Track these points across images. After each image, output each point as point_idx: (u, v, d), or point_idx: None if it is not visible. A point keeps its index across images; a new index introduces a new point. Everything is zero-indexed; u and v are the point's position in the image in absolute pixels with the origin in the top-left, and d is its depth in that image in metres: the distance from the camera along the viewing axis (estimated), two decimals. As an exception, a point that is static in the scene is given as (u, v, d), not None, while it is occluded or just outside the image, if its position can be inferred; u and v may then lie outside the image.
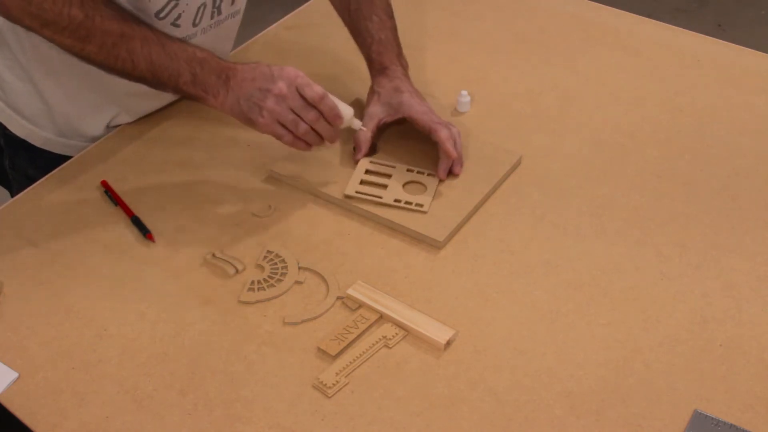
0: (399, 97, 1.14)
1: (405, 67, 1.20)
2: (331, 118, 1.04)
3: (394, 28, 1.21)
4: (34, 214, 1.11)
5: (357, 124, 1.09)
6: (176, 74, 1.03)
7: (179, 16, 1.11)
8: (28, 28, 1.02)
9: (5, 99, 1.21)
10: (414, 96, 1.15)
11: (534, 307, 0.97)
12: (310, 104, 1.02)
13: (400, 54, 1.20)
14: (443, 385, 0.89)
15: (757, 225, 1.07)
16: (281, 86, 1.01)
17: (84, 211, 1.11)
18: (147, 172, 1.17)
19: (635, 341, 0.93)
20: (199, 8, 1.13)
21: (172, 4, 1.09)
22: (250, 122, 1.04)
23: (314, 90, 1.02)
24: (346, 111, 1.06)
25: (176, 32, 1.12)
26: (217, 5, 1.15)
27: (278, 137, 1.04)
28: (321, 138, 1.05)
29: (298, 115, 1.03)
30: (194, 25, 1.14)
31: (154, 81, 1.04)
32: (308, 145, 1.05)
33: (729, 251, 1.03)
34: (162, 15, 1.10)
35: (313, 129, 1.04)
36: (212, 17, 1.16)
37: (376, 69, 1.18)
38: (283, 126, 1.03)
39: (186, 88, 1.04)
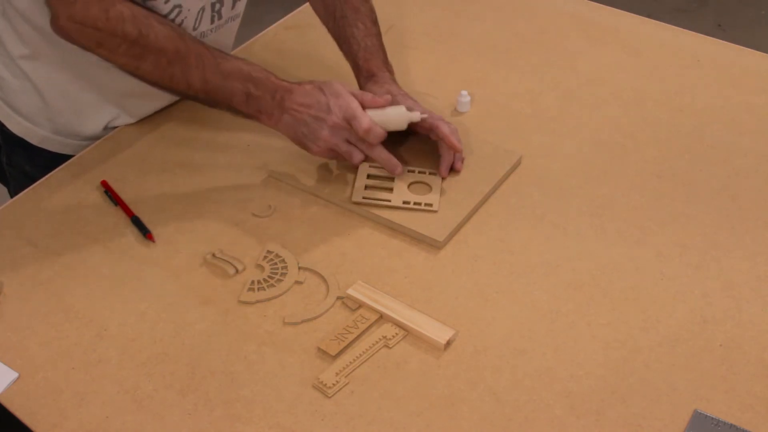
0: (393, 101, 1.14)
1: (391, 72, 1.20)
2: (379, 139, 1.06)
3: (379, 35, 1.22)
4: (34, 214, 1.11)
5: (416, 115, 1.09)
6: (230, 94, 1.03)
7: (182, 22, 1.12)
8: (86, 49, 1.03)
9: (3, 97, 1.21)
10: (406, 98, 1.15)
11: (534, 307, 0.97)
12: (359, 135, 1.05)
13: (386, 60, 1.21)
14: (443, 385, 0.89)
15: (757, 225, 1.07)
16: (335, 118, 1.03)
17: (84, 211, 1.11)
18: (147, 172, 1.17)
19: (635, 341, 0.93)
20: (198, 12, 1.13)
21: (177, 10, 1.09)
22: (304, 147, 1.06)
23: (360, 124, 1.03)
24: (397, 117, 1.07)
25: None
26: (216, 9, 1.16)
27: (332, 158, 1.08)
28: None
29: (355, 145, 1.05)
30: (194, 29, 1.14)
31: (208, 100, 1.05)
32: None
33: (729, 251, 1.03)
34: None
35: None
36: (212, 21, 1.17)
37: (364, 76, 1.19)
38: (338, 152, 1.06)
39: (240, 108, 1.05)
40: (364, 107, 1.05)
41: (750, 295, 0.98)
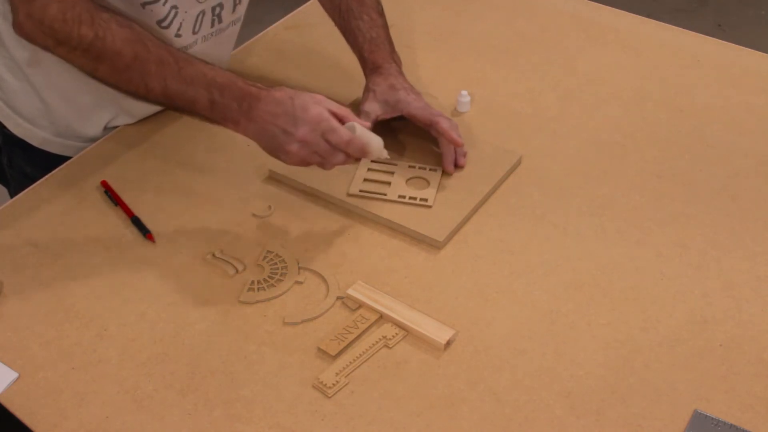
0: (395, 95, 1.14)
1: (399, 64, 1.20)
2: (359, 155, 1.01)
3: (386, 26, 1.21)
4: (34, 214, 1.11)
5: (384, 154, 1.05)
6: (192, 100, 1.00)
7: (180, 25, 1.11)
8: (44, 47, 1.02)
9: (4, 98, 1.21)
10: (410, 92, 1.15)
11: (534, 307, 0.97)
12: (336, 148, 0.99)
13: (392, 51, 1.20)
14: (443, 385, 0.89)
15: (757, 225, 1.07)
16: (304, 132, 0.97)
17: (84, 211, 1.11)
18: (147, 172, 1.17)
19: (635, 341, 0.93)
20: (197, 16, 1.13)
21: (173, 12, 1.09)
22: (276, 158, 1.02)
23: (340, 136, 0.98)
24: (376, 143, 1.02)
25: (178, 42, 1.12)
26: (217, 13, 1.15)
27: (306, 166, 1.03)
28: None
29: (324, 158, 1.00)
30: (194, 32, 1.14)
31: (170, 105, 1.03)
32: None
33: (729, 251, 1.03)
34: (165, 24, 1.09)
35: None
36: (212, 25, 1.16)
37: (370, 68, 1.18)
38: (309, 162, 1.01)
39: (204, 114, 1.01)
40: (342, 122, 1.00)
41: (750, 295, 0.98)
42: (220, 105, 1.00)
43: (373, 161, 1.13)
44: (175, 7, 1.09)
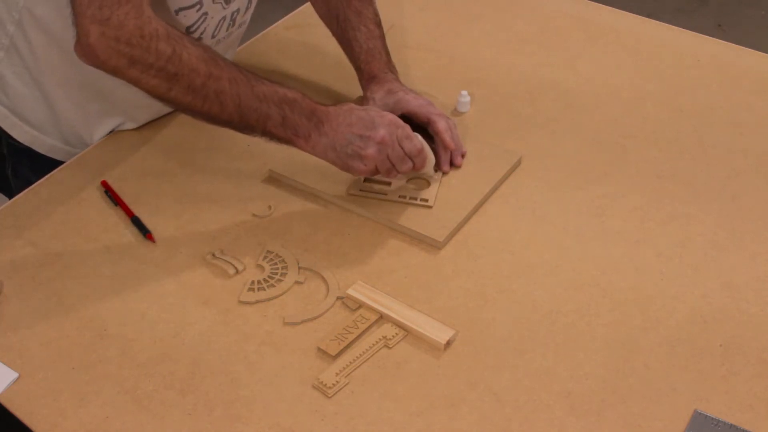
0: (394, 96, 1.15)
1: (395, 73, 1.21)
2: (420, 167, 1.07)
3: (383, 37, 1.22)
4: (34, 215, 1.11)
5: (433, 172, 1.11)
6: (265, 117, 1.00)
7: (204, 30, 1.11)
8: (114, 70, 0.98)
9: (10, 106, 1.20)
10: (408, 92, 1.16)
11: (534, 307, 0.97)
12: (407, 155, 1.04)
13: (389, 62, 1.21)
14: (443, 385, 0.89)
15: (757, 225, 1.07)
16: (383, 134, 1.01)
17: (84, 211, 1.11)
18: (147, 172, 1.17)
19: (635, 341, 0.93)
20: (219, 21, 1.13)
21: (202, 18, 1.09)
22: (347, 168, 1.03)
23: (414, 144, 1.03)
24: (432, 159, 1.09)
25: None
26: (233, 18, 1.16)
27: (373, 175, 1.06)
28: None
29: (393, 164, 1.03)
30: (213, 36, 1.14)
31: (242, 124, 1.01)
32: None
33: (729, 251, 1.03)
34: (192, 29, 1.10)
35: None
36: (227, 29, 1.17)
37: (366, 78, 1.19)
38: (379, 169, 1.04)
39: (275, 131, 1.02)
40: None
41: (750, 295, 0.98)
42: (291, 121, 1.01)
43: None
44: (205, 13, 1.09)
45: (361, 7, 1.22)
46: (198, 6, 1.07)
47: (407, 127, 1.04)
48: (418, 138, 1.05)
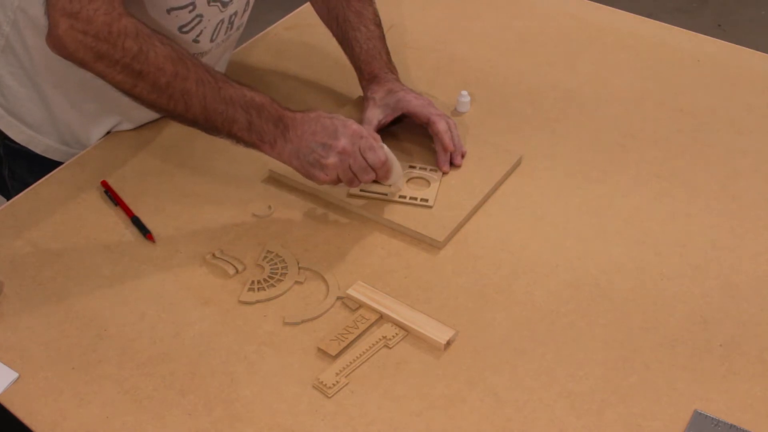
0: (395, 96, 1.15)
1: (395, 73, 1.21)
2: (383, 178, 1.05)
3: (383, 38, 1.22)
4: (34, 215, 1.11)
5: (401, 184, 1.10)
6: (231, 120, 1.00)
7: (201, 32, 1.11)
8: (82, 63, 0.99)
9: (6, 106, 1.20)
10: (409, 92, 1.16)
11: (534, 307, 0.97)
12: (370, 166, 1.02)
13: (389, 62, 1.21)
14: (443, 385, 0.89)
15: (757, 225, 1.07)
16: (344, 144, 1.00)
17: (84, 211, 1.11)
18: (147, 172, 1.17)
19: (635, 341, 0.93)
20: (217, 24, 1.13)
21: (197, 20, 1.09)
22: (309, 176, 1.03)
23: (377, 156, 1.02)
24: (398, 171, 1.07)
25: (194, 48, 1.12)
26: (231, 21, 1.16)
27: (334, 185, 1.05)
28: None
29: (355, 175, 1.02)
30: (211, 40, 1.14)
31: (207, 125, 1.02)
32: None
33: (729, 251, 1.03)
34: (186, 29, 1.09)
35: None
36: (226, 32, 1.17)
37: (366, 78, 1.19)
38: (341, 179, 1.03)
39: (241, 134, 1.02)
40: None
41: (750, 295, 0.98)
42: (257, 126, 1.01)
43: None
44: (200, 15, 1.09)
45: (360, 7, 1.22)
46: (190, 7, 1.07)
47: (371, 138, 1.02)
48: (384, 149, 1.03)
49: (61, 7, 0.96)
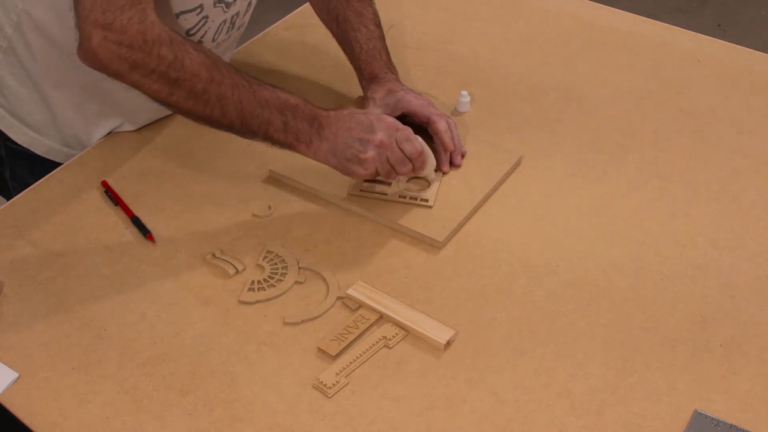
0: (395, 96, 1.16)
1: (395, 73, 1.21)
2: (420, 169, 1.06)
3: (383, 38, 1.22)
4: (34, 214, 1.11)
5: (433, 175, 1.11)
6: (267, 122, 1.01)
7: (204, 33, 1.11)
8: (116, 74, 0.98)
9: (8, 108, 1.20)
10: (409, 92, 1.16)
11: (534, 307, 0.97)
12: (407, 157, 1.03)
13: (389, 62, 1.21)
14: (443, 385, 0.89)
15: (757, 225, 1.07)
16: (381, 137, 1.01)
17: (84, 211, 1.11)
18: (147, 172, 1.17)
19: (635, 341, 0.93)
20: (220, 25, 1.13)
21: (202, 21, 1.09)
22: (348, 172, 1.03)
23: (414, 146, 1.03)
24: (433, 161, 1.08)
25: None
26: (233, 21, 1.16)
27: (373, 178, 1.06)
28: None
29: (393, 167, 1.03)
30: (213, 40, 1.14)
31: (244, 129, 1.02)
32: None
33: (729, 251, 1.03)
34: (192, 32, 1.10)
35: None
36: (227, 32, 1.17)
37: (366, 78, 1.19)
38: (380, 172, 1.04)
39: (277, 136, 1.02)
40: None
41: (750, 295, 0.98)
42: (292, 127, 1.01)
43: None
44: (205, 17, 1.09)
45: (360, 7, 1.22)
46: (198, 9, 1.07)
47: (407, 130, 1.04)
48: (418, 140, 1.05)
49: (94, 19, 0.95)
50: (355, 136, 1.01)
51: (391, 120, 1.03)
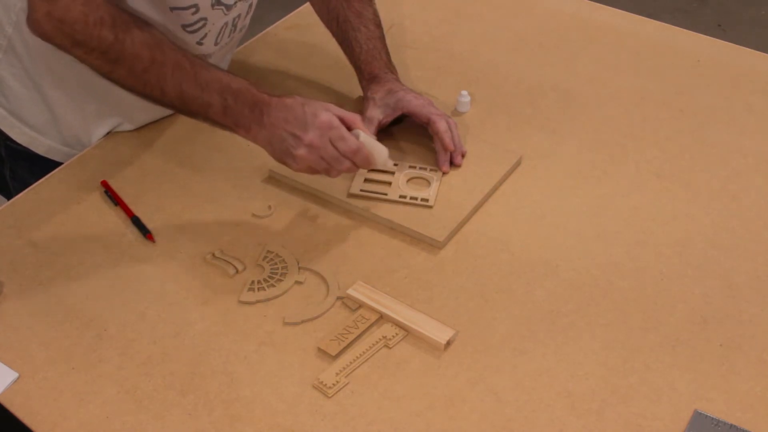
0: (395, 96, 1.15)
1: (394, 73, 1.21)
2: (364, 165, 1.03)
3: (382, 38, 1.22)
4: (34, 214, 1.11)
5: (390, 164, 1.07)
6: (207, 104, 1.01)
7: (205, 35, 1.12)
8: (59, 47, 1.01)
9: (8, 107, 1.20)
10: (409, 92, 1.16)
11: (534, 307, 0.97)
12: (343, 156, 1.00)
13: (389, 62, 1.21)
14: (443, 385, 0.89)
15: (757, 225, 1.07)
16: (312, 137, 0.98)
17: (84, 211, 1.11)
18: (147, 172, 1.17)
19: (635, 341, 0.93)
20: (222, 28, 1.13)
21: (201, 22, 1.09)
22: (283, 163, 1.02)
23: (347, 144, 0.99)
24: (381, 153, 1.04)
25: (198, 50, 1.12)
26: (234, 23, 1.16)
27: (312, 174, 1.03)
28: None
29: (330, 165, 1.01)
30: (215, 44, 1.15)
31: (184, 109, 1.03)
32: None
33: (729, 251, 1.03)
34: (190, 29, 1.10)
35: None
36: (230, 35, 1.17)
37: (366, 78, 1.19)
38: (316, 168, 1.02)
39: (217, 119, 1.02)
40: (349, 128, 1.01)
41: (750, 295, 0.98)
42: (233, 111, 1.01)
43: None
44: (204, 18, 1.09)
45: (360, 7, 1.22)
46: (193, 9, 1.07)
47: (341, 128, 1.00)
48: (361, 135, 1.01)
49: None
50: (289, 131, 0.99)
51: (326, 117, 0.99)
